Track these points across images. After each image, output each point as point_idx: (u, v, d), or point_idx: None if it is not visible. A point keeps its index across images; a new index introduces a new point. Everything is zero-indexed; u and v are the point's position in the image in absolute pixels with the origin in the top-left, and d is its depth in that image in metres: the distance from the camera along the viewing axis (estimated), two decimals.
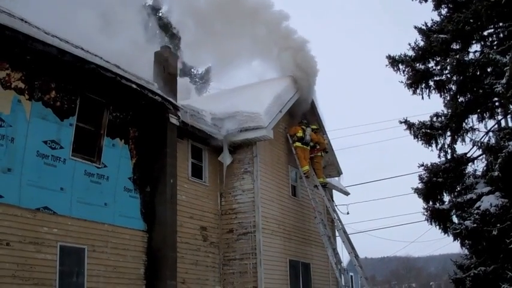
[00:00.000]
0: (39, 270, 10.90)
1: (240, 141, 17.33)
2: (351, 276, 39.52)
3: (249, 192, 17.15)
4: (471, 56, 19.76)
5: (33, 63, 11.31)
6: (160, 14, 26.07)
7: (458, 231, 18.48)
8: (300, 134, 19.45)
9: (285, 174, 19.30)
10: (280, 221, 18.14)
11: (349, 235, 19.51)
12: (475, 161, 20.19)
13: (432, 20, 21.30)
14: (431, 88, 20.93)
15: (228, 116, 17.40)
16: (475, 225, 17.79)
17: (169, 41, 21.72)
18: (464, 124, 20.12)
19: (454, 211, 19.73)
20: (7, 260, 10.27)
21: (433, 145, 20.48)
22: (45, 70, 11.71)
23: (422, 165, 20.68)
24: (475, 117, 20.14)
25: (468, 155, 20.28)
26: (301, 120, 20.19)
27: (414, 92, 21.17)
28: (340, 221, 19.69)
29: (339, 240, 20.60)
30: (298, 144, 19.38)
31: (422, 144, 20.54)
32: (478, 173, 19.91)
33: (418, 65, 21.15)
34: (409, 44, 21.23)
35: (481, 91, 19.10)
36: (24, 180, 11.00)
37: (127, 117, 14.06)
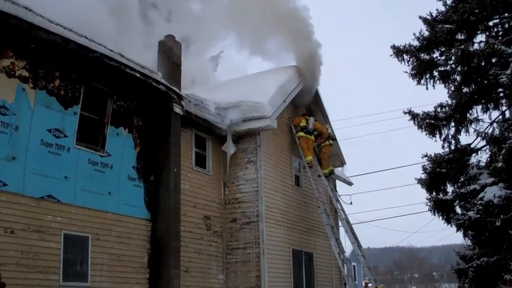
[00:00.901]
0: (43, 258, 10.96)
1: (243, 130, 17.31)
2: (354, 266, 39.70)
3: (252, 181, 17.17)
4: (476, 46, 19.73)
5: (37, 51, 11.31)
6: None
7: (461, 221, 18.52)
8: (303, 123, 19.43)
9: (288, 164, 19.31)
10: (283, 211, 18.17)
11: (352, 225, 19.57)
12: (479, 151, 20.20)
13: (437, 10, 21.25)
14: (436, 78, 20.93)
15: (232, 105, 17.37)
16: (478, 216, 17.81)
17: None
18: (468, 115, 20.12)
19: (457, 202, 19.77)
20: (11, 248, 10.33)
21: (437, 136, 20.49)
22: (49, 59, 11.71)
23: (426, 155, 20.69)
24: (479, 107, 20.14)
25: (472, 146, 20.28)
26: (305, 112, 20.19)
27: (418, 82, 21.16)
28: (344, 211, 19.72)
29: (342, 230, 20.67)
30: (301, 133, 19.36)
31: (426, 134, 20.57)
32: (482, 163, 19.92)
33: (422, 55, 21.13)
34: (414, 34, 21.20)
35: (485, 82, 19.07)
36: (29, 168, 11.02)
37: (131, 106, 14.07)
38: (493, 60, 18.60)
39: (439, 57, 21.02)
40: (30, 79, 11.31)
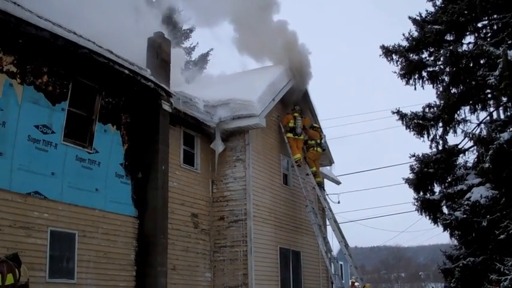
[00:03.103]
0: (30, 254, 10.88)
1: (232, 129, 17.30)
2: (341, 265, 39.81)
3: (240, 180, 17.15)
4: (465, 47, 19.85)
5: (25, 47, 11.23)
6: None
7: (448, 221, 18.62)
8: (291, 124, 19.37)
9: (276, 162, 19.31)
10: (271, 209, 18.18)
11: (340, 224, 19.60)
12: (466, 152, 20.33)
13: (427, 10, 21.38)
14: (424, 79, 21.03)
15: (221, 103, 17.36)
16: (465, 216, 17.92)
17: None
18: (456, 115, 20.23)
19: (444, 202, 19.88)
20: None
21: (425, 136, 20.59)
22: (38, 54, 11.64)
23: (414, 155, 20.78)
24: (467, 108, 20.26)
25: (459, 147, 20.39)
26: (294, 107, 20.08)
27: (407, 83, 21.24)
28: (331, 210, 19.74)
29: (329, 229, 20.70)
30: (290, 134, 19.32)
31: (414, 134, 20.67)
32: (469, 164, 20.06)
33: (411, 55, 21.22)
34: (403, 35, 21.29)
35: (473, 83, 19.17)
36: (15, 164, 10.95)
37: (119, 103, 14.01)
38: (482, 62, 18.71)
39: (427, 58, 21.12)
40: (18, 74, 11.22)
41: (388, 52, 21.34)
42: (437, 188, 20.75)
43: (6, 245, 10.43)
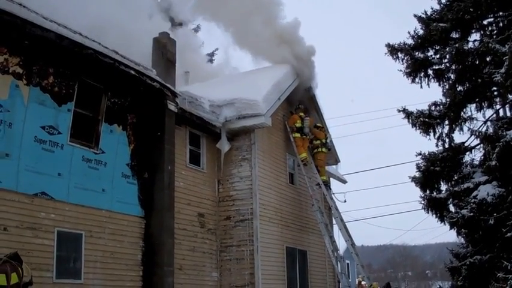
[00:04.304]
0: (37, 255, 10.92)
1: (238, 128, 17.29)
2: (348, 263, 39.72)
3: (246, 179, 17.15)
4: (470, 45, 19.80)
5: (31, 48, 11.25)
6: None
7: (454, 220, 18.60)
8: (298, 124, 19.32)
9: (282, 161, 19.29)
10: (277, 208, 18.17)
11: (346, 223, 19.59)
12: (473, 150, 20.31)
13: (432, 8, 21.35)
14: (430, 77, 21.01)
15: (227, 103, 17.35)
16: (471, 214, 17.89)
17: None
18: (462, 113, 20.21)
19: (451, 200, 19.87)
20: (4, 245, 10.25)
21: (431, 134, 20.59)
22: (43, 55, 11.66)
23: (420, 154, 20.76)
24: (473, 106, 20.23)
25: (466, 144, 20.37)
26: (298, 105, 20.02)
27: (413, 81, 21.23)
28: (337, 209, 19.72)
29: (335, 228, 20.68)
30: (297, 134, 19.26)
31: (420, 133, 20.67)
32: (476, 162, 20.05)
33: (417, 53, 21.22)
34: (409, 33, 21.27)
35: (479, 80, 19.15)
36: (22, 165, 10.97)
37: (125, 103, 14.02)
38: (488, 59, 18.68)
39: (433, 56, 21.11)
40: (24, 76, 11.25)
41: (393, 50, 21.34)
42: (443, 186, 20.75)
43: (13, 246, 10.43)
